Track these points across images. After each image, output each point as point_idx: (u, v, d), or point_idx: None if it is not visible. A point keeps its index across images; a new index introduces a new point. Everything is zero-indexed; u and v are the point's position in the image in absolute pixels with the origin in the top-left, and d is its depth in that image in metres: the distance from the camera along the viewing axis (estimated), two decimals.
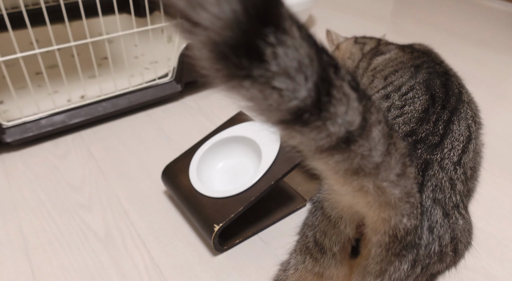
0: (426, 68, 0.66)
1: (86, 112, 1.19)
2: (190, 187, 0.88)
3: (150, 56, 1.55)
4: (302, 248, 0.50)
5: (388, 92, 0.63)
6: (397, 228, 0.40)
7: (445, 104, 0.56)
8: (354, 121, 0.30)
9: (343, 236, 0.45)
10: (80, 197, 0.98)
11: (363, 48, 0.92)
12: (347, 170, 0.33)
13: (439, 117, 0.53)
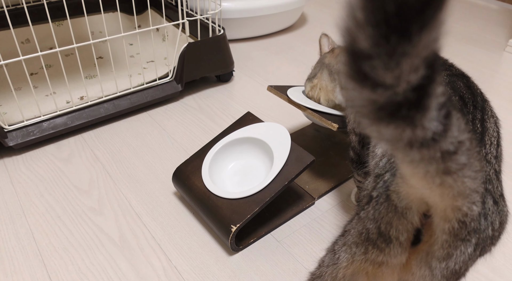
0: (444, 70, 0.69)
1: (88, 114, 1.19)
2: (203, 188, 0.89)
3: (146, 55, 1.54)
4: (359, 240, 0.51)
5: None
6: (466, 215, 0.43)
7: (475, 104, 0.60)
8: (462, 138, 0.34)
9: (410, 226, 0.47)
10: (89, 201, 0.97)
11: None
12: (435, 171, 0.36)
13: (475, 116, 0.57)
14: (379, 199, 0.50)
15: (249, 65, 1.60)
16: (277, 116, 1.29)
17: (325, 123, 0.92)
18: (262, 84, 1.47)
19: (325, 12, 2.18)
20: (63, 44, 1.55)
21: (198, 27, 1.33)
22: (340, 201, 1.00)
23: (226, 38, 1.40)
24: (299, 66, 1.60)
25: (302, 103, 0.96)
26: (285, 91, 1.03)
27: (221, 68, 1.41)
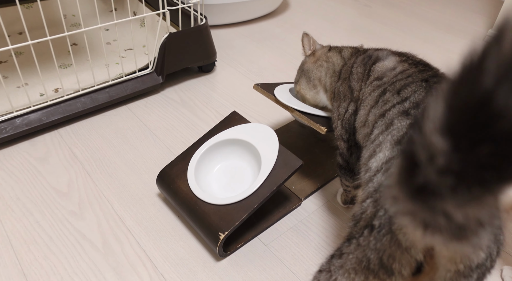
0: (436, 83, 0.68)
1: (64, 109, 1.13)
2: (190, 193, 0.87)
3: (123, 42, 1.48)
4: (359, 268, 0.51)
5: (406, 108, 0.65)
6: (473, 261, 0.44)
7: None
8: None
9: (413, 260, 0.47)
10: (69, 204, 0.94)
11: (342, 53, 0.93)
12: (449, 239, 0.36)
13: None
14: (381, 230, 0.49)
15: (231, 54, 1.56)
16: (262, 110, 1.27)
17: (313, 126, 0.90)
18: (245, 75, 1.43)
19: None
20: (33, 29, 1.47)
21: (179, 17, 1.27)
22: (326, 201, 0.99)
23: (209, 27, 1.35)
24: (282, 55, 1.57)
25: (290, 104, 0.94)
26: (272, 90, 1.01)
27: (204, 59, 1.37)
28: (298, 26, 1.80)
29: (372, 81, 0.75)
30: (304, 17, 1.89)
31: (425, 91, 0.66)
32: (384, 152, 0.62)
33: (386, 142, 0.62)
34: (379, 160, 0.62)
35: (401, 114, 0.64)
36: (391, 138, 0.62)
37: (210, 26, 1.73)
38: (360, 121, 0.74)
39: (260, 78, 1.42)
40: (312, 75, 0.96)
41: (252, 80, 1.41)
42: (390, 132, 0.63)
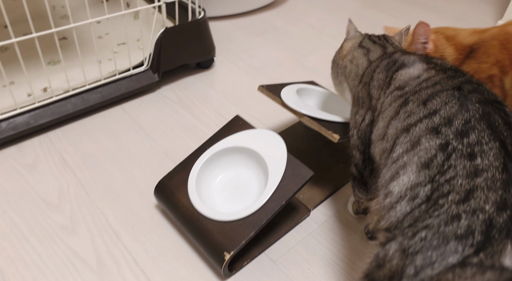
0: (472, 93, 0.58)
1: (53, 111, 1.05)
2: (191, 207, 0.80)
3: (116, 36, 1.39)
4: None
5: (436, 124, 0.56)
6: None
7: None
8: None
9: None
10: (60, 217, 0.87)
11: (369, 55, 0.82)
12: None
13: None
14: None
15: (230, 48, 1.47)
16: (264, 110, 1.20)
17: (325, 133, 0.83)
18: (246, 72, 1.35)
19: None
20: (21, 21, 1.37)
21: (176, 10, 1.18)
22: (336, 210, 0.93)
23: (207, 21, 1.26)
24: (284, 49, 1.49)
25: (299, 109, 0.87)
26: (278, 92, 0.93)
27: (202, 55, 1.28)
28: (299, 17, 1.72)
29: (393, 91, 0.67)
30: (306, 8, 1.81)
31: (458, 102, 0.57)
32: (408, 175, 0.55)
33: (412, 164, 0.55)
34: (403, 184, 0.55)
35: (430, 132, 0.56)
36: (418, 161, 0.55)
37: (209, 18, 1.64)
38: (377, 134, 0.66)
39: (261, 74, 1.34)
40: (339, 70, 0.88)
41: (253, 77, 1.33)
42: (416, 153, 0.55)
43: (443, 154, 0.53)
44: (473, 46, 0.86)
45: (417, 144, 0.56)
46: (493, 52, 0.82)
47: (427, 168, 0.53)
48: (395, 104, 0.65)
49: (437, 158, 0.53)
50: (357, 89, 0.78)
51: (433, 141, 0.55)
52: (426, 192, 0.51)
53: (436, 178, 0.51)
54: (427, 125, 0.57)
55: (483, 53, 0.84)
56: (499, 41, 0.82)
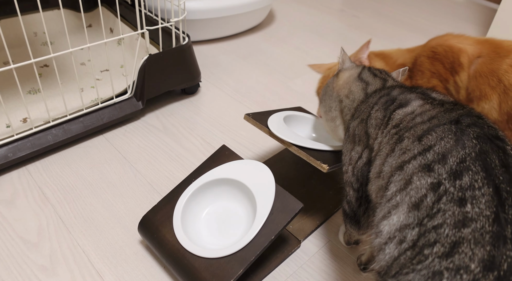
0: (471, 126, 0.55)
1: (33, 142, 1.01)
2: (176, 244, 0.77)
3: (99, 62, 1.36)
4: None
5: (429, 161, 0.53)
6: None
7: None
8: None
9: None
10: (39, 257, 0.83)
11: (367, 89, 0.78)
12: None
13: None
14: None
15: (216, 72, 1.46)
16: (251, 136, 1.17)
17: (313, 163, 0.81)
18: (232, 96, 1.34)
19: (294, 7, 2.05)
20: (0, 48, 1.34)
21: (160, 36, 1.17)
22: (328, 240, 0.91)
23: (192, 47, 1.25)
24: (270, 73, 1.48)
25: (286, 138, 0.85)
26: (265, 120, 0.92)
27: (187, 81, 1.27)
28: (284, 39, 1.72)
29: (390, 130, 0.64)
30: (291, 30, 1.81)
31: (454, 137, 0.54)
32: (399, 216, 0.52)
33: (403, 204, 0.52)
34: (392, 224, 0.52)
35: (422, 169, 0.53)
36: (409, 200, 0.52)
37: (193, 42, 1.63)
38: (374, 172, 0.64)
39: (248, 99, 1.33)
40: (332, 104, 0.82)
41: (239, 101, 1.31)
42: (408, 192, 0.53)
43: (434, 194, 0.50)
44: (405, 65, 0.86)
45: (409, 182, 0.54)
46: (425, 67, 0.85)
47: (416, 209, 0.51)
48: (391, 142, 0.62)
49: (427, 199, 0.50)
50: (353, 124, 0.74)
51: (424, 179, 0.52)
52: (413, 236, 0.49)
53: (424, 222, 0.49)
54: (420, 162, 0.54)
55: (417, 71, 0.85)
56: (426, 56, 0.85)
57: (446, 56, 0.83)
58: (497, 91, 0.79)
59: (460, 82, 0.82)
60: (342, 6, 2.11)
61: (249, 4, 1.60)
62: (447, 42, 0.84)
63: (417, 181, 0.53)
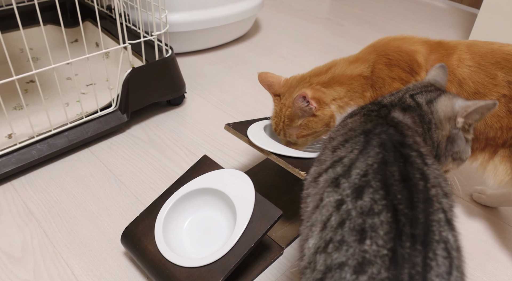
0: (377, 135, 0.54)
1: (17, 158, 1.02)
2: (158, 255, 0.78)
3: (85, 77, 1.38)
4: None
5: (337, 175, 0.51)
6: None
7: (414, 233, 0.44)
8: None
9: None
10: (23, 272, 0.83)
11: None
12: None
13: (413, 271, 0.42)
14: None
15: (201, 83, 1.48)
16: (236, 146, 1.19)
17: (292, 171, 0.82)
18: (217, 106, 1.35)
19: (279, 17, 2.08)
20: None
21: (142, 49, 1.18)
22: None
23: (175, 59, 1.26)
24: (255, 82, 1.50)
25: (265, 147, 0.86)
26: (245, 130, 0.93)
27: (171, 92, 1.28)
28: (270, 49, 1.74)
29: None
30: (276, 40, 1.83)
31: (361, 147, 0.53)
32: (314, 238, 0.49)
33: (317, 224, 0.50)
34: (307, 249, 0.50)
35: (330, 185, 0.51)
36: (321, 219, 0.49)
37: (179, 53, 1.65)
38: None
39: (233, 109, 1.34)
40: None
41: (224, 111, 1.33)
42: (320, 210, 0.50)
43: (338, 215, 0.48)
44: (364, 75, 0.88)
45: (321, 199, 0.52)
46: (385, 74, 0.87)
47: (324, 230, 0.48)
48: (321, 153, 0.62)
49: (332, 220, 0.48)
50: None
51: (332, 196, 0.50)
52: (319, 268, 0.46)
53: (328, 249, 0.46)
54: (329, 176, 0.53)
55: (377, 79, 0.87)
56: (383, 64, 0.87)
57: (402, 60, 0.86)
58: (454, 84, 0.84)
59: (420, 80, 0.85)
60: (328, 15, 2.14)
61: (234, 15, 1.62)
62: (399, 48, 0.87)
63: (326, 198, 0.51)
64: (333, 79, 0.91)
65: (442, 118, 0.67)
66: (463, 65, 0.85)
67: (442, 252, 0.44)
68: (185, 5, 1.52)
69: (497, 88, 0.83)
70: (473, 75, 0.84)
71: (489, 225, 0.98)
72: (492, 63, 0.83)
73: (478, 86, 0.84)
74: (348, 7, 2.25)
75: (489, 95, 0.83)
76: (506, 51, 0.84)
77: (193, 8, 1.53)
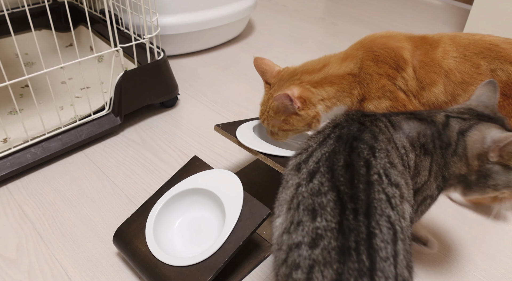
0: (340, 129, 0.62)
1: (12, 162, 1.04)
2: (149, 254, 0.79)
3: (79, 81, 1.39)
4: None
5: (300, 160, 0.60)
6: None
7: (356, 208, 0.50)
8: None
9: None
10: (18, 273, 0.85)
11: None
12: None
13: (358, 238, 0.48)
14: None
15: (194, 85, 1.49)
16: (228, 146, 1.20)
17: (280, 170, 0.84)
18: (210, 108, 1.37)
19: (273, 17, 2.09)
20: None
21: (134, 52, 1.20)
22: None
23: (167, 61, 1.28)
24: (248, 83, 1.51)
25: (253, 147, 0.88)
26: (234, 130, 0.94)
27: (164, 95, 1.30)
28: (264, 49, 1.75)
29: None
30: (270, 40, 1.85)
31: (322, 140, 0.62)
32: (281, 218, 0.58)
33: (283, 204, 0.59)
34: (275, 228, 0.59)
35: (293, 169, 0.61)
36: (285, 199, 0.59)
37: (172, 56, 1.66)
38: None
39: (225, 109, 1.36)
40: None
41: (217, 112, 1.34)
42: (285, 191, 0.60)
43: (296, 197, 0.55)
44: (352, 73, 0.90)
45: (287, 181, 0.61)
46: (373, 70, 0.89)
47: (289, 211, 0.55)
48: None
49: (294, 202, 0.55)
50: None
51: (293, 179, 0.59)
52: (284, 248, 0.53)
53: (290, 230, 0.53)
54: (296, 161, 0.62)
55: (365, 75, 0.89)
56: (371, 60, 0.89)
57: (389, 57, 0.87)
58: (441, 76, 0.87)
59: (407, 76, 0.88)
60: (321, 14, 2.16)
61: (226, 17, 1.64)
62: (386, 45, 0.89)
63: (290, 180, 0.60)
64: (325, 79, 0.92)
65: (469, 156, 0.66)
66: (448, 57, 0.87)
67: (386, 223, 0.50)
68: (178, 7, 1.53)
69: (481, 77, 0.86)
70: (459, 65, 0.87)
71: (478, 220, 0.99)
72: (475, 53, 0.87)
73: (464, 76, 0.87)
74: (342, 7, 2.26)
75: (475, 84, 0.86)
76: (488, 41, 0.87)
77: (186, 11, 1.55)
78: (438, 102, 0.88)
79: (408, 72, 0.87)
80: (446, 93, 0.87)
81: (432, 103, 0.88)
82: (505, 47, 0.85)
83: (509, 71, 0.84)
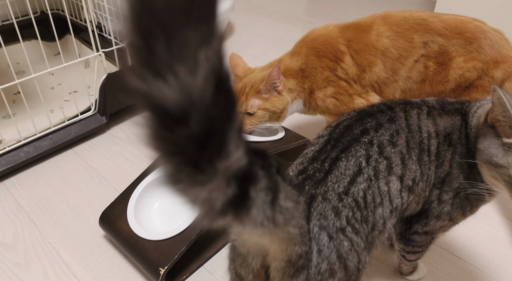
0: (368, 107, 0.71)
1: (7, 160, 1.14)
2: (130, 232, 0.89)
3: (68, 86, 1.50)
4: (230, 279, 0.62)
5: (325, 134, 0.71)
6: (291, 254, 0.51)
7: (336, 144, 0.64)
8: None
9: (253, 267, 0.55)
10: (15, 256, 0.94)
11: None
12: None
13: (327, 156, 0.63)
14: (232, 245, 0.59)
15: None
16: None
17: None
18: None
19: (251, 18, 2.19)
20: None
21: (115, 56, 1.30)
22: None
23: None
24: None
25: None
26: None
27: None
28: (241, 49, 1.85)
29: None
30: (249, 40, 1.95)
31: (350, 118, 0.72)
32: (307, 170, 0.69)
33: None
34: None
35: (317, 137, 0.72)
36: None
37: None
38: None
39: None
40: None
41: None
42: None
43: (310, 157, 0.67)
44: (302, 68, 1.01)
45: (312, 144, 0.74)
46: (316, 64, 1.00)
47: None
48: None
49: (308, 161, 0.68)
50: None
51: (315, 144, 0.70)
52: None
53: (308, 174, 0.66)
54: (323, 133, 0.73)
55: (310, 69, 1.00)
56: (314, 55, 1.00)
57: (328, 51, 0.98)
58: (378, 56, 0.98)
59: (345, 66, 0.98)
60: (299, 14, 2.26)
61: None
62: (325, 42, 1.00)
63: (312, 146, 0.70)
64: (286, 71, 1.02)
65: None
66: (382, 38, 0.98)
67: (354, 161, 0.62)
68: None
69: (416, 50, 0.97)
70: (394, 42, 0.98)
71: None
72: (407, 29, 0.97)
73: (400, 51, 0.98)
74: (321, 6, 2.37)
75: (411, 57, 0.97)
76: (417, 17, 0.98)
77: None
78: (380, 79, 0.99)
79: (346, 62, 0.98)
80: (386, 70, 0.98)
81: (375, 81, 0.99)
82: (433, 21, 0.97)
83: (439, 42, 0.96)
